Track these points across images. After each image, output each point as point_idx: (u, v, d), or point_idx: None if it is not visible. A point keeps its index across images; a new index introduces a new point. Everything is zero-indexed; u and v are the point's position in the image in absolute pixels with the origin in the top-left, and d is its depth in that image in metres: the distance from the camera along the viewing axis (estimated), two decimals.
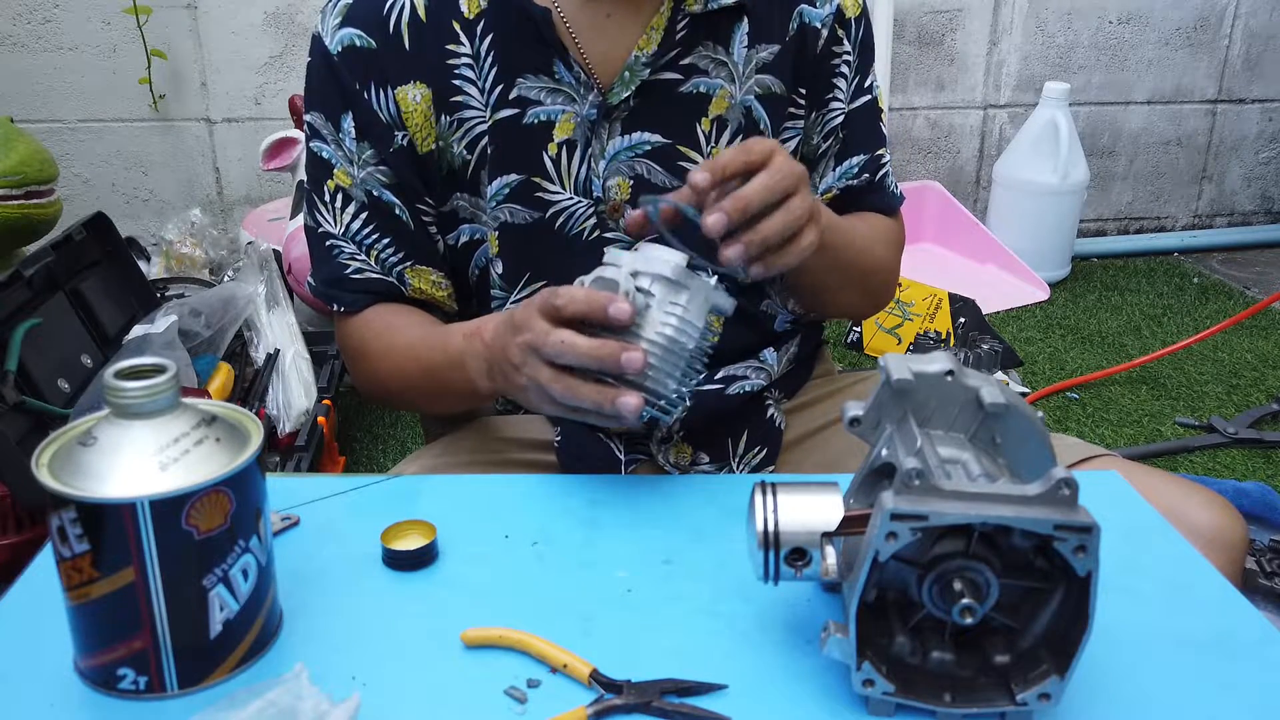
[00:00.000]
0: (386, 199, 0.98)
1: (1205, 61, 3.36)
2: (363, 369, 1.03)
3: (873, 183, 1.07)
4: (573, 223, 0.99)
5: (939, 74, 3.23)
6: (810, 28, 1.01)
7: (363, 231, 0.99)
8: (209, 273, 2.67)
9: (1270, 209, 3.61)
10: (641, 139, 0.97)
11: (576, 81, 0.95)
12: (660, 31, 0.96)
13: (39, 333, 1.64)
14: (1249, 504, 1.82)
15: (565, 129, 0.96)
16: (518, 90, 0.95)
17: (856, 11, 1.04)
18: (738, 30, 0.98)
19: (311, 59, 0.99)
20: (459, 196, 1.00)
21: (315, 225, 1.01)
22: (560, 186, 0.98)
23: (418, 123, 0.96)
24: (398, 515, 0.80)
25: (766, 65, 1.00)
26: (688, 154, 0.99)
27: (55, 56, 2.81)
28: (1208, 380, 2.55)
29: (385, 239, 0.99)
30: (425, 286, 1.02)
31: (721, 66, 0.98)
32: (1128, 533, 0.80)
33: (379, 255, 1.00)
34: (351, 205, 0.99)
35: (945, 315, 2.62)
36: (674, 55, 0.97)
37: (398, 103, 0.96)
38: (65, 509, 0.60)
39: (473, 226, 1.01)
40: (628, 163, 0.98)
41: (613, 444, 1.02)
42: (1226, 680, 0.66)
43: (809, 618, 0.71)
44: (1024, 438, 0.65)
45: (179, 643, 0.63)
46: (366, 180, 0.98)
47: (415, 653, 0.67)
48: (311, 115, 0.99)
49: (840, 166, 1.06)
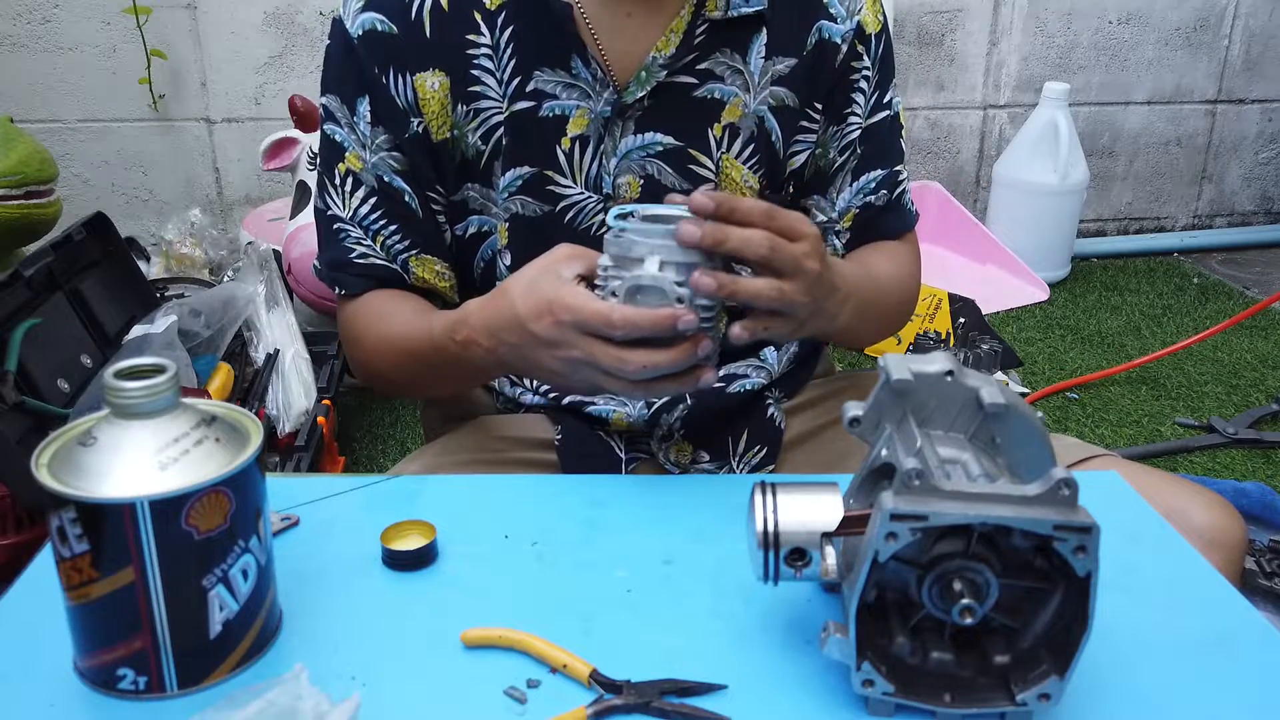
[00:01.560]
0: (397, 185, 0.99)
1: (1205, 62, 3.36)
2: (357, 356, 1.04)
3: (890, 200, 1.08)
4: (582, 217, 0.99)
5: (939, 74, 3.23)
6: (829, 43, 1.01)
7: (371, 216, 1.00)
8: (209, 273, 2.67)
9: (1270, 209, 3.61)
10: (654, 139, 0.98)
11: (593, 78, 0.96)
12: (679, 34, 0.96)
13: (39, 333, 1.64)
14: (1249, 504, 1.82)
15: (579, 124, 0.97)
16: (534, 83, 0.96)
17: (877, 28, 1.04)
18: (756, 41, 0.99)
19: (331, 42, 0.99)
20: (470, 187, 1.00)
21: (325, 208, 1.02)
22: (572, 181, 0.98)
23: (434, 110, 0.97)
24: (398, 515, 0.80)
25: (781, 78, 1.00)
26: (698, 157, 0.99)
27: (55, 56, 2.81)
28: (1208, 380, 2.55)
29: (393, 225, 1.00)
30: (429, 276, 1.02)
31: (737, 75, 0.98)
32: (1127, 533, 0.80)
33: (385, 242, 1.00)
34: (361, 189, 0.99)
35: (945, 315, 2.62)
36: (691, 59, 0.97)
37: (415, 89, 0.96)
38: (65, 509, 0.60)
39: (481, 218, 1.02)
40: (639, 162, 0.98)
41: (613, 442, 1.02)
42: (1226, 680, 0.66)
43: (809, 618, 0.71)
44: (1024, 438, 0.65)
45: (179, 643, 0.63)
46: (378, 165, 0.98)
47: (415, 653, 0.67)
48: (327, 98, 1.00)
49: (858, 181, 1.06)
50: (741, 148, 1.00)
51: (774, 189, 1.04)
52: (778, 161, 1.03)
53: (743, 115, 0.99)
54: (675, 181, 0.99)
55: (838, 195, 1.06)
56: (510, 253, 1.01)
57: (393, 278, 1.01)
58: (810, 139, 1.04)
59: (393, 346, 0.99)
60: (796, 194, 1.07)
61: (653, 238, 0.78)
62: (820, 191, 1.07)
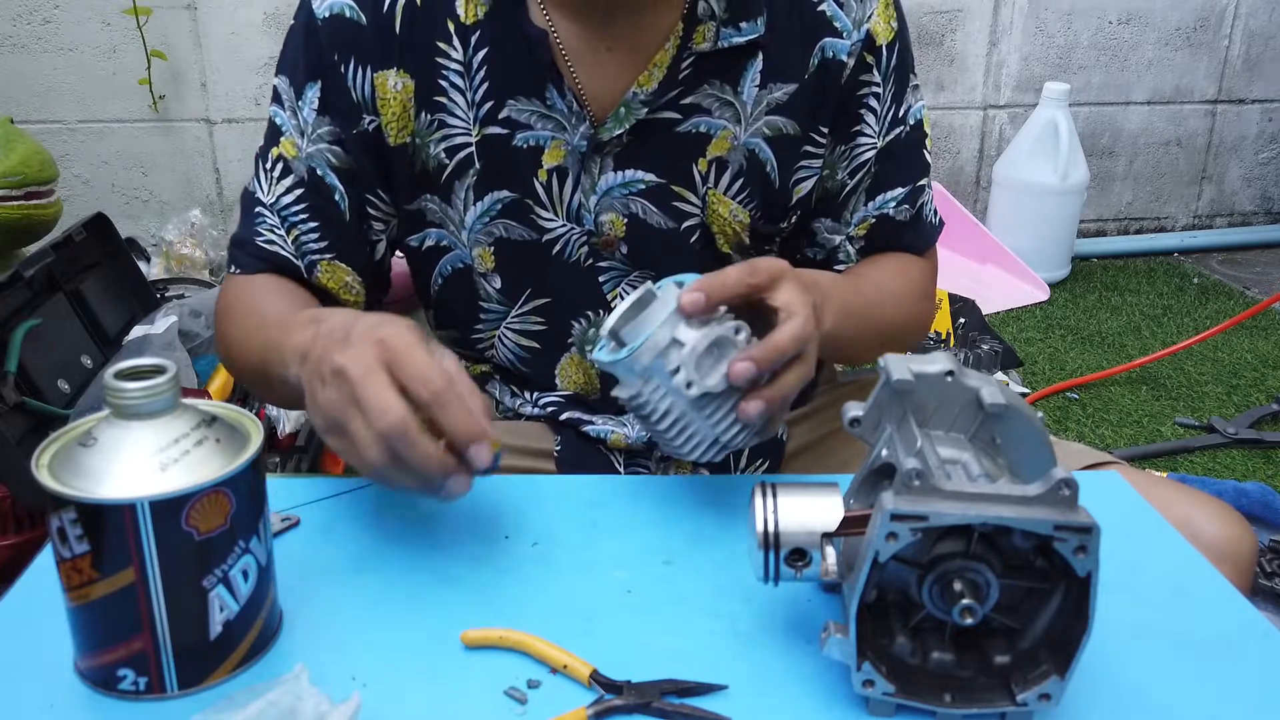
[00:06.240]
0: (329, 181, 0.94)
1: (1205, 62, 3.36)
2: (219, 332, 0.97)
3: (911, 216, 1.02)
4: (569, 249, 0.96)
5: (939, 74, 3.23)
6: (834, 61, 0.94)
7: (293, 209, 0.94)
8: (209, 273, 2.67)
9: (1270, 209, 3.61)
10: (635, 177, 0.94)
11: (568, 110, 0.92)
12: (663, 69, 0.91)
13: (39, 333, 1.64)
14: (1249, 504, 1.82)
15: (555, 155, 0.93)
16: (507, 111, 0.92)
17: (889, 36, 0.96)
18: (750, 68, 0.93)
19: (295, 21, 0.94)
20: (428, 198, 0.96)
21: (252, 190, 0.97)
22: (553, 213, 0.95)
23: (394, 112, 0.92)
24: (397, 515, 0.80)
25: (779, 106, 0.94)
26: (683, 194, 0.95)
27: (55, 57, 2.81)
28: (1208, 380, 2.55)
29: (313, 223, 0.95)
30: (334, 285, 0.96)
31: (727, 106, 0.93)
32: (1128, 533, 0.80)
33: (299, 237, 0.95)
34: (289, 178, 0.94)
35: (945, 315, 2.62)
36: (675, 94, 0.92)
37: (374, 86, 0.92)
38: (65, 510, 0.60)
39: (441, 232, 0.98)
40: (621, 200, 0.94)
41: (613, 457, 1.02)
42: (1227, 680, 0.66)
43: (809, 618, 0.71)
44: (1024, 438, 0.65)
45: (179, 643, 0.63)
46: (313, 157, 0.94)
47: (415, 653, 0.67)
48: (279, 79, 0.95)
49: (874, 200, 1.01)
50: (730, 181, 0.95)
51: (773, 220, 0.99)
52: (774, 192, 0.97)
53: (732, 148, 0.94)
54: (661, 220, 0.95)
55: (852, 216, 1.01)
56: (500, 276, 0.98)
57: (291, 271, 0.95)
58: (816, 164, 0.98)
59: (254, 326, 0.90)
60: (803, 220, 1.02)
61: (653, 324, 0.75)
62: (832, 215, 1.01)
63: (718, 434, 0.77)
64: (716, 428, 0.77)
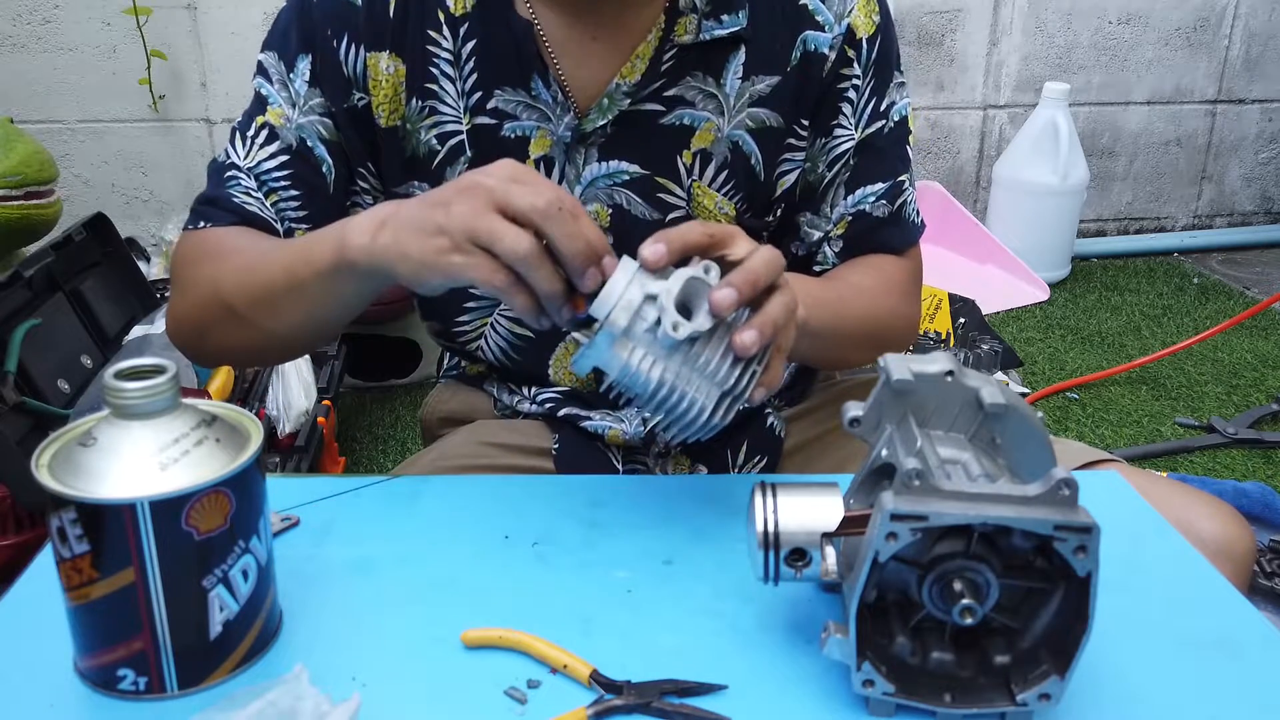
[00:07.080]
0: (318, 153, 0.94)
1: (1205, 62, 3.36)
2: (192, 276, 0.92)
3: (890, 212, 1.01)
4: None
5: (939, 74, 3.23)
6: (815, 55, 0.95)
7: (275, 174, 0.93)
8: None
9: (1270, 209, 3.61)
10: (619, 168, 0.94)
11: (553, 100, 0.92)
12: (645, 61, 0.92)
13: (39, 333, 1.65)
14: (1249, 504, 1.83)
15: (541, 145, 0.94)
16: (495, 101, 0.93)
17: (870, 30, 0.96)
18: (732, 61, 0.93)
19: (286, 2, 0.94)
20: (418, 185, 0.96)
21: (224, 159, 0.95)
22: None
23: (386, 94, 0.93)
24: (398, 516, 0.80)
25: (762, 98, 0.95)
26: (668, 186, 0.95)
27: (55, 57, 2.81)
28: (1208, 380, 2.55)
29: (295, 190, 0.94)
30: None
31: (710, 99, 0.94)
32: (1127, 533, 0.80)
33: (279, 203, 0.94)
34: (275, 144, 0.93)
35: (945, 315, 2.62)
36: (658, 86, 0.93)
37: (367, 65, 0.92)
38: (65, 509, 0.60)
39: None
40: (606, 190, 0.95)
41: (610, 454, 1.02)
42: (1227, 680, 0.66)
43: (809, 618, 0.71)
44: (1024, 438, 0.65)
45: (179, 643, 0.63)
46: (304, 128, 0.93)
47: (415, 653, 0.67)
48: (265, 55, 0.95)
49: (853, 195, 1.00)
50: (715, 173, 0.95)
51: (758, 213, 0.99)
52: (759, 185, 0.97)
53: (716, 140, 0.94)
54: (645, 211, 0.95)
55: (831, 210, 1.01)
56: None
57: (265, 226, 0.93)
58: (799, 157, 0.98)
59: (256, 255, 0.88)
60: (788, 213, 1.01)
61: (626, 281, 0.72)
62: (812, 209, 1.01)
63: (719, 381, 0.72)
64: (716, 375, 0.72)
